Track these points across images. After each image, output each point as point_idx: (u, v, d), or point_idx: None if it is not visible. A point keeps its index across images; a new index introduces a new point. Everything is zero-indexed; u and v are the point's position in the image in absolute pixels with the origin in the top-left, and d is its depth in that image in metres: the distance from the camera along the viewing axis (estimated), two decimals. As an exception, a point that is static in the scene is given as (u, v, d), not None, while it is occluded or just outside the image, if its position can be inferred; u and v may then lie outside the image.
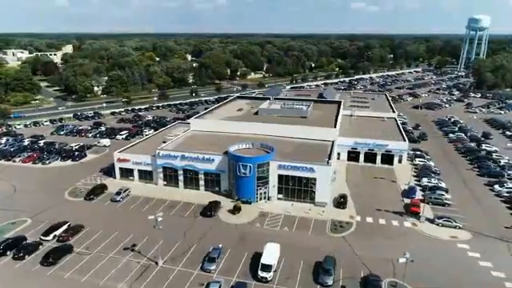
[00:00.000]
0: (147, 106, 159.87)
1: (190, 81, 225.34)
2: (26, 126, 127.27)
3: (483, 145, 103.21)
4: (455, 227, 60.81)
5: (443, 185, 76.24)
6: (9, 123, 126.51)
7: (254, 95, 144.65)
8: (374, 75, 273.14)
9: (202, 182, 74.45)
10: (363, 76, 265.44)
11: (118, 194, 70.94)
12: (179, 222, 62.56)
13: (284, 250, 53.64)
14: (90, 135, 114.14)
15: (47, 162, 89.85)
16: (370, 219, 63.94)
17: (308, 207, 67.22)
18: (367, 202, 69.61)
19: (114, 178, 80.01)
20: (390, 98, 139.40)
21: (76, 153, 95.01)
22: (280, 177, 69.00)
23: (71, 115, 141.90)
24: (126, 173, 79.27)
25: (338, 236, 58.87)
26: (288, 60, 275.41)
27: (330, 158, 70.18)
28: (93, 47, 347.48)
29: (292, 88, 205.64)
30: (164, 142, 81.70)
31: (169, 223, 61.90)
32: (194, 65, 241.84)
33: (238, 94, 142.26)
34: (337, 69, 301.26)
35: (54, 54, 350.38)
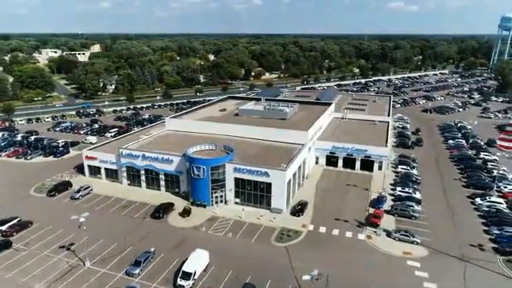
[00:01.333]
0: (149, 104, 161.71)
1: (202, 80, 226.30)
2: (28, 121, 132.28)
3: (482, 153, 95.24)
4: (413, 242, 55.86)
5: (417, 195, 70.70)
6: (12, 119, 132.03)
7: (244, 95, 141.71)
8: (393, 77, 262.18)
9: (162, 183, 73.47)
10: (381, 78, 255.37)
11: (78, 191, 71.37)
12: (126, 223, 61.80)
13: (217, 258, 51.60)
14: (82, 132, 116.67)
15: (29, 157, 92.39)
16: (323, 229, 60.19)
17: (261, 213, 64.35)
18: (329, 211, 65.75)
19: (84, 175, 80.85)
20: (392, 101, 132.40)
21: (60, 149, 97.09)
22: (237, 180, 66.61)
23: (74, 112, 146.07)
24: (95, 171, 79.81)
25: (280, 245, 55.71)
26: (303, 60, 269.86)
27: (290, 163, 66.76)
28: (121, 47, 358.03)
29: (302, 89, 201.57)
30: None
31: (115, 223, 61.90)
32: (208, 64, 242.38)
33: (229, 95, 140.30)
34: (356, 70, 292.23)
35: (83, 54, 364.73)
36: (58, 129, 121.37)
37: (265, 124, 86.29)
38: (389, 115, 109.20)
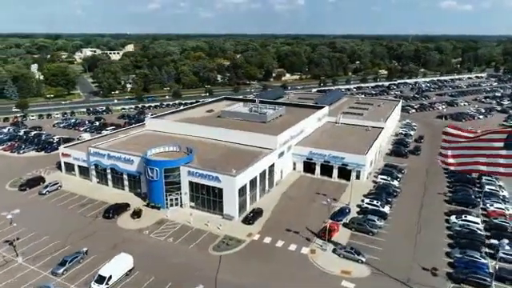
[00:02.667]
0: (158, 103, 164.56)
1: (219, 80, 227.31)
2: (40, 117, 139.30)
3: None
4: (357, 261, 51.51)
5: (385, 209, 65.42)
6: (24, 114, 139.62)
7: (241, 97, 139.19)
8: (421, 80, 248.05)
9: (126, 183, 73.73)
10: (407, 80, 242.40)
11: (46, 187, 73.42)
12: (77, 221, 62.44)
13: (147, 263, 50.76)
14: (82, 129, 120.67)
15: (21, 151, 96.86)
16: (268, 239, 57.27)
17: (213, 219, 62.49)
18: (284, 220, 62.57)
19: (61, 171, 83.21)
20: (406, 106, 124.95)
21: (54, 145, 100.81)
22: (191, 184, 65.24)
23: (84, 109, 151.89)
24: (70, 168, 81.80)
25: (216, 254, 53.61)
26: (326, 61, 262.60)
27: (243, 169, 64.21)
28: (151, 47, 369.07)
29: (318, 91, 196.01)
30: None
31: (67, 221, 62.92)
32: (227, 65, 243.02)
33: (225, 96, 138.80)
34: (385, 71, 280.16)
35: (117, 53, 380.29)
36: (62, 125, 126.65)
37: (243, 127, 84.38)
38: (385, 121, 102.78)
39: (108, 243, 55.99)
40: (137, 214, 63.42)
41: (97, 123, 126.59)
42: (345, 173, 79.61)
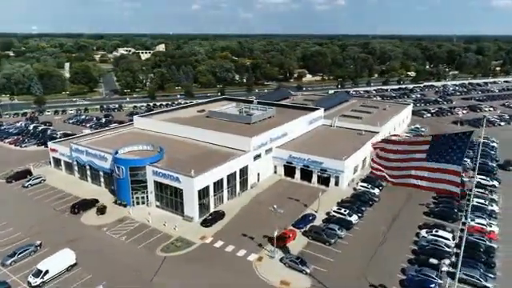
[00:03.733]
0: (169, 102, 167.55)
1: (238, 80, 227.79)
2: (55, 113, 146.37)
3: (479, 176, 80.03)
4: (302, 271, 49.16)
5: (352, 218, 62.00)
6: (40, 110, 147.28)
7: (244, 98, 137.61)
8: (450, 83, 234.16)
9: (102, 179, 75.41)
10: (434, 83, 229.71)
11: (29, 180, 76.77)
12: (45, 215, 64.58)
13: (91, 260, 51.70)
14: (88, 125, 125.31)
15: (23, 145, 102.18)
16: (220, 243, 56.22)
17: (169, 219, 62.32)
18: (243, 225, 61.18)
19: (51, 166, 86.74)
20: (408, 110, 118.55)
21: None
22: (156, 183, 65.49)
23: (98, 106, 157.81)
24: (58, 162, 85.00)
25: (161, 255, 53.32)
26: (349, 62, 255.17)
27: (208, 170, 63.47)
28: (183, 47, 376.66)
29: (335, 92, 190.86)
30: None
31: (36, 214, 65.28)
32: (246, 65, 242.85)
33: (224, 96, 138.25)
34: (413, 73, 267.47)
35: (148, 52, 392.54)
36: (71, 121, 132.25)
37: (224, 127, 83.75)
38: (382, 125, 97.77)
39: (65, 238, 57.28)
40: (101, 210, 64.57)
41: (103, 120, 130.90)
42: (324, 178, 76.61)
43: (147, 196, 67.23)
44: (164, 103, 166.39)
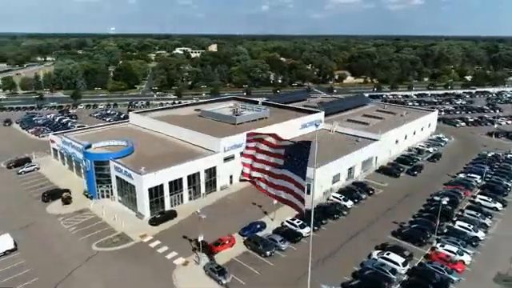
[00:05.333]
0: (194, 100, 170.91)
1: (273, 80, 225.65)
2: (87, 107, 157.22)
3: (480, 196, 69.66)
4: (218, 281, 46.62)
5: (304, 230, 57.46)
6: (75, 103, 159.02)
7: (249, 98, 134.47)
8: (509, 89, 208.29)
9: (82, 171, 78.83)
10: (489, 89, 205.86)
11: (24, 167, 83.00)
12: (20, 201, 69.02)
13: (31, 248, 54.44)
14: (107, 120, 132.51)
15: (40, 135, 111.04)
16: (156, 243, 55.69)
17: (123, 214, 63.12)
18: (192, 227, 59.02)
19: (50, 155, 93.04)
20: (433, 117, 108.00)
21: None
22: (118, 178, 66.82)
23: (127, 102, 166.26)
24: (56, 153, 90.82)
25: (95, 249, 54.17)
26: (395, 65, 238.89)
27: (161, 168, 63.18)
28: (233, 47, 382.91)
29: (370, 96, 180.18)
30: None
31: (12, 200, 69.92)
32: (285, 65, 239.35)
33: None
34: (467, 78, 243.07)
35: (199, 52, 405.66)
36: (95, 115, 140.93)
37: (212, 127, 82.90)
38: (383, 133, 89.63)
39: (20, 224, 60.67)
40: (65, 200, 67.47)
41: (121, 116, 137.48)
42: (298, 186, 72.16)
43: (111, 190, 68.88)
44: (189, 101, 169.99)
